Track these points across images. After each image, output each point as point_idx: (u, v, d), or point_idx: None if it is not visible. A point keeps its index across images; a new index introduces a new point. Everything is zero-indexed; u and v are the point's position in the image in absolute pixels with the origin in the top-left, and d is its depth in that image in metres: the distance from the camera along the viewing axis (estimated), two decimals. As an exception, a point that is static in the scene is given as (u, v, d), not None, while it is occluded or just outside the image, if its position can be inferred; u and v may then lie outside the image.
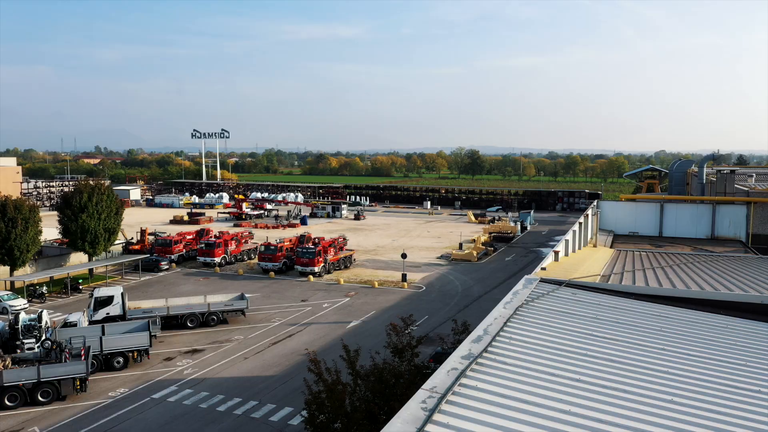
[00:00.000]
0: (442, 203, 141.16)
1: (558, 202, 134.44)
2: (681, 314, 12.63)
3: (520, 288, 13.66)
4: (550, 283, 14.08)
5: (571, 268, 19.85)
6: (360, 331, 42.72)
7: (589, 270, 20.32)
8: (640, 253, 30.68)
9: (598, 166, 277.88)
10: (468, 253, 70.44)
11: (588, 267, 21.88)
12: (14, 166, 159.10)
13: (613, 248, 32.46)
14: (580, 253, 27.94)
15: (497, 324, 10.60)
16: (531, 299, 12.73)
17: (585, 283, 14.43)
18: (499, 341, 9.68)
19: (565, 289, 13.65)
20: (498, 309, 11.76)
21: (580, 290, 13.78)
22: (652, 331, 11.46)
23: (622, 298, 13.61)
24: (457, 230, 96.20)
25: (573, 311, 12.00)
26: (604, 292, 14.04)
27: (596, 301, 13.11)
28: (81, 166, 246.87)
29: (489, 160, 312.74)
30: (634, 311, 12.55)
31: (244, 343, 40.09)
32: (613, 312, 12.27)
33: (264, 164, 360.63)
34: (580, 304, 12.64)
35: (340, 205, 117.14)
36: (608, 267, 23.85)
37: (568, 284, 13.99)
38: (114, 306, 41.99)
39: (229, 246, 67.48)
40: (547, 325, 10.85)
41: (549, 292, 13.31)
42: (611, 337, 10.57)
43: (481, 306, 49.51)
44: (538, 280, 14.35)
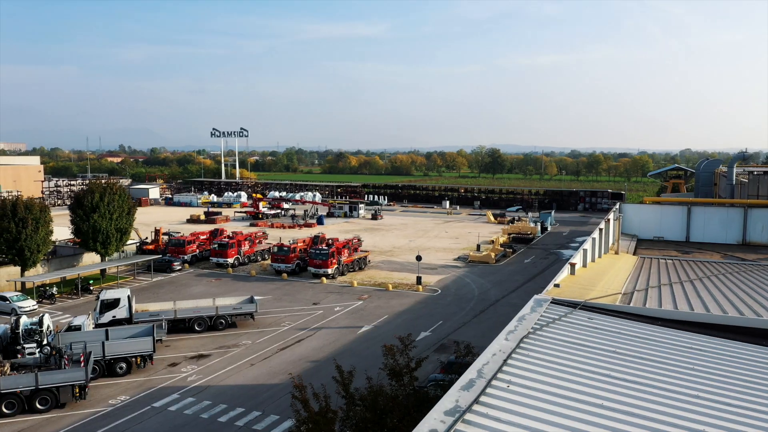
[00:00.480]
0: (461, 203, 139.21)
1: (580, 202, 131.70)
2: (717, 346, 10.87)
3: (527, 311, 12.03)
4: (563, 305, 12.47)
5: (588, 284, 18.09)
6: (371, 336, 41.34)
7: (608, 286, 18.49)
8: (666, 261, 28.66)
9: (622, 165, 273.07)
10: (486, 254, 68.67)
11: (608, 281, 19.98)
12: (36, 165, 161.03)
13: (636, 255, 30.53)
14: (600, 262, 26.04)
15: (495, 362, 9.09)
16: (539, 326, 11.14)
17: (603, 306, 12.76)
18: (494, 387, 8.16)
19: (580, 312, 12.04)
20: (499, 340, 10.20)
21: (597, 314, 12.12)
22: (682, 369, 9.78)
23: (646, 324, 11.87)
24: (476, 231, 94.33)
25: (588, 342, 10.39)
26: (626, 316, 12.33)
27: (616, 328, 11.47)
28: (103, 165, 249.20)
29: (510, 159, 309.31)
30: (661, 342, 10.85)
31: (251, 349, 38.96)
32: (635, 343, 10.60)
33: (284, 163, 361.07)
34: (597, 333, 11.03)
35: (358, 204, 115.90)
36: (631, 280, 21.83)
37: (583, 306, 12.38)
38: (120, 309, 41.14)
39: (243, 246, 66.57)
40: (556, 363, 9.28)
41: (561, 317, 11.71)
42: (633, 379, 8.92)
43: (498, 311, 47.85)
44: (549, 300, 12.74)
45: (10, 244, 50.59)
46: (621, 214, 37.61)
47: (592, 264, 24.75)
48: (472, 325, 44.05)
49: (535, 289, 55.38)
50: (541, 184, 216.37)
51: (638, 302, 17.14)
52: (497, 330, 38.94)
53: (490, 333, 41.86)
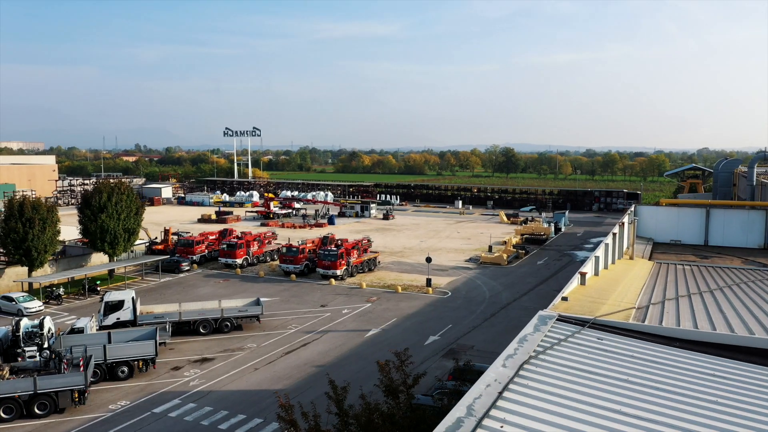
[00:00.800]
0: (474, 203, 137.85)
1: (594, 202, 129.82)
2: (744, 372, 9.71)
3: (530, 331, 10.95)
4: (570, 323, 11.39)
5: (599, 296, 16.91)
6: (378, 341, 40.45)
7: (621, 298, 17.30)
8: (684, 267, 27.30)
9: (638, 164, 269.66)
10: (498, 256, 67.50)
11: (621, 293, 18.73)
12: (51, 164, 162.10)
13: (652, 260, 29.24)
14: (613, 269, 24.77)
15: (489, 395, 8.08)
16: (542, 349, 10.09)
17: (614, 324, 11.65)
18: (485, 428, 7.16)
19: (589, 332, 10.96)
20: (496, 367, 9.16)
21: (608, 333, 11.02)
22: (704, 401, 8.72)
23: (663, 345, 10.70)
24: (488, 231, 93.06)
25: (596, 369, 9.32)
26: (640, 336, 11.19)
27: (629, 350, 10.39)
28: (118, 164, 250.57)
29: (524, 158, 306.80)
30: (680, 367, 9.73)
31: (256, 352, 38.23)
32: (650, 369, 9.48)
33: (297, 162, 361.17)
34: (607, 357, 9.96)
35: (369, 204, 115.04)
36: (646, 291, 20.47)
37: (592, 324, 11.29)
38: (124, 311, 40.62)
39: (252, 247, 65.97)
40: (558, 396, 8.26)
41: (567, 337, 10.65)
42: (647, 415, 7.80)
43: (509, 314, 46.76)
44: (555, 317, 11.67)
45: (17, 244, 50.34)
46: (636, 217, 36.12)
47: (605, 272, 23.47)
48: (482, 329, 43.02)
49: (548, 292, 54.30)
50: (555, 183, 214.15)
51: (654, 318, 15.79)
52: (507, 335, 37.82)
53: (500, 337, 40.86)
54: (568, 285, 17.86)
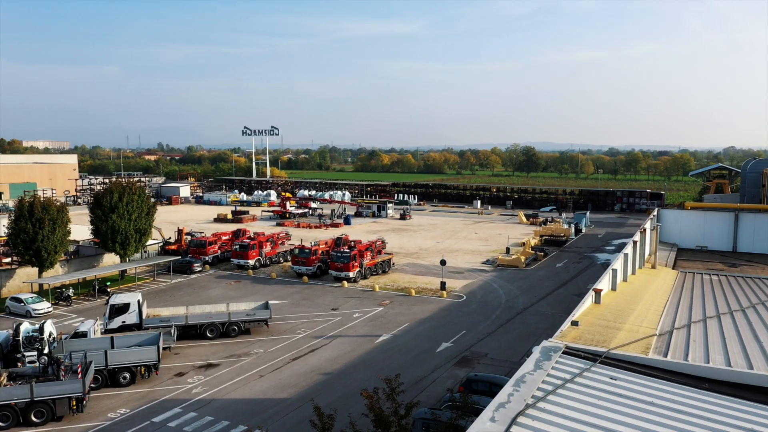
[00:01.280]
0: (492, 202, 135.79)
1: (617, 203, 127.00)
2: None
3: (530, 368, 9.32)
4: (579, 357, 9.82)
5: (616, 318, 15.24)
6: (388, 347, 39.13)
7: (641, 320, 15.57)
8: (711, 277, 25.40)
9: (662, 163, 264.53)
10: (515, 258, 65.75)
11: (641, 312, 16.96)
12: (71, 163, 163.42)
13: (676, 269, 27.42)
14: (634, 280, 23.03)
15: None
16: (542, 394, 8.51)
17: (632, 359, 10.01)
18: None
19: (600, 369, 9.37)
20: (482, 422, 7.59)
21: (623, 371, 9.43)
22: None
23: (689, 388, 9.09)
24: (507, 232, 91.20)
25: (609, 421, 7.77)
26: (662, 375, 9.52)
27: (648, 394, 8.74)
28: (138, 163, 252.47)
29: (545, 157, 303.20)
30: (711, 417, 8.12)
31: (262, 358, 37.16)
32: (674, 420, 7.82)
33: (317, 161, 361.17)
34: (622, 406, 8.33)
35: (386, 204, 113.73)
36: (669, 308, 18.59)
37: (605, 359, 9.69)
38: (130, 314, 39.84)
39: (264, 248, 65.06)
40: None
41: (573, 376, 9.10)
42: None
43: (525, 320, 45.13)
44: (560, 349, 10.10)
45: (27, 244, 49.97)
46: (659, 223, 34.05)
47: (624, 285, 21.70)
48: (497, 336, 41.47)
49: (566, 297, 52.53)
50: (576, 183, 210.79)
51: (678, 350, 13.94)
52: (523, 342, 36.10)
53: (515, 345, 39.31)
54: (580, 305, 16.17)
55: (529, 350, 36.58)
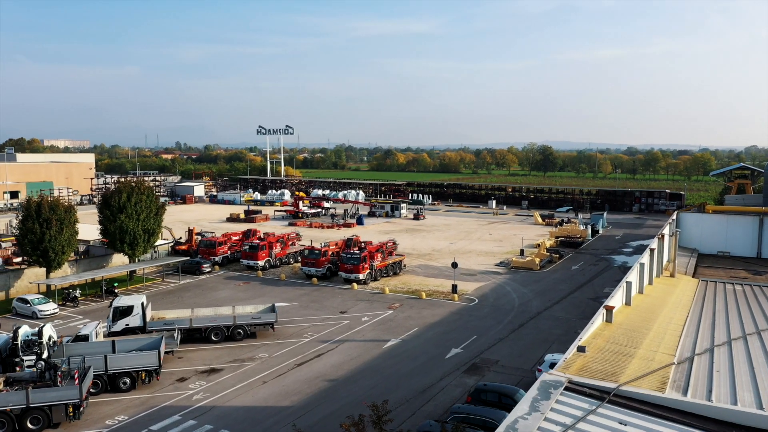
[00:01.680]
0: (508, 202, 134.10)
1: (635, 203, 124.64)
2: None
3: (524, 410, 7.95)
4: (584, 395, 8.54)
5: (629, 342, 13.81)
6: (396, 353, 38.05)
7: (657, 343, 14.11)
8: (734, 287, 23.89)
9: (681, 162, 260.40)
10: (529, 260, 64.30)
11: (657, 333, 15.49)
12: (88, 162, 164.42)
13: (696, 277, 25.91)
14: (651, 292, 21.59)
15: None
16: None
17: (646, 398, 8.72)
18: None
19: (609, 410, 8.08)
20: None
21: (636, 412, 8.19)
22: None
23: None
24: (522, 233, 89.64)
25: None
26: (681, 419, 8.27)
27: None
28: (154, 162, 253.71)
29: (562, 156, 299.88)
30: None
31: (267, 363, 36.27)
32: None
33: (332, 160, 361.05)
34: None
35: (400, 204, 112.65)
36: (690, 327, 17.03)
37: (614, 398, 8.41)
38: (134, 317, 39.21)
39: (274, 248, 64.29)
40: None
41: (577, 421, 7.83)
42: None
43: (539, 325, 43.79)
44: (562, 385, 8.76)
45: (35, 245, 49.65)
46: (679, 229, 32.31)
47: (640, 298, 20.27)
48: (509, 342, 40.20)
49: (581, 301, 51.09)
50: (594, 182, 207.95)
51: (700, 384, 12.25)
52: (535, 349, 34.76)
53: (527, 352, 38.03)
54: (589, 325, 14.73)
55: (541, 358, 35.31)
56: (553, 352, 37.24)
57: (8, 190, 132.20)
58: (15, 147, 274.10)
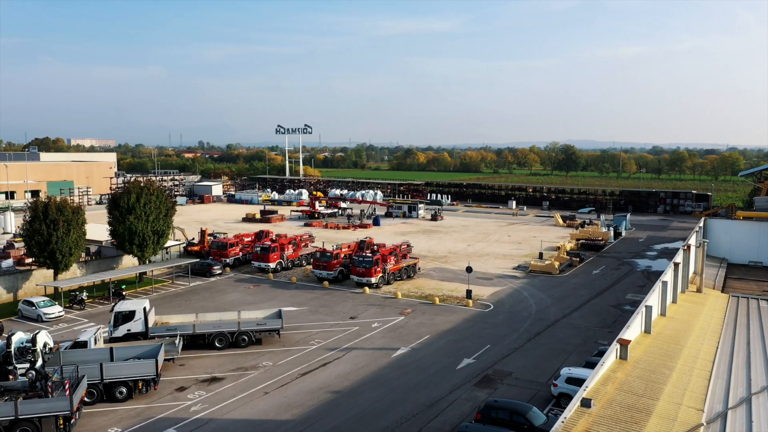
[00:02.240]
0: (528, 203, 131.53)
1: (660, 204, 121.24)
2: None
3: None
4: None
5: (647, 389, 11.69)
6: (405, 362, 36.42)
7: (682, 393, 11.99)
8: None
9: (708, 162, 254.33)
10: (548, 264, 62.15)
11: (683, 373, 13.25)
12: (108, 162, 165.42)
13: (726, 291, 23.84)
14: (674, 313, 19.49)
15: None
16: None
17: None
18: None
19: None
20: None
21: None
22: None
23: None
24: (541, 235, 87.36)
25: None
26: None
27: None
28: (175, 162, 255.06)
29: (585, 156, 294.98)
30: None
31: (270, 372, 34.92)
32: None
33: (352, 159, 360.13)
34: None
35: (417, 204, 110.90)
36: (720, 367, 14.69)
37: None
38: (135, 322, 38.14)
39: (286, 250, 63.07)
40: None
41: None
42: None
43: (556, 334, 41.81)
44: None
45: (42, 246, 49.00)
46: (706, 239, 29.92)
47: (662, 323, 18.24)
48: (524, 352, 38.32)
49: (602, 308, 48.93)
50: (617, 183, 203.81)
51: None
52: (551, 360, 32.72)
53: (543, 363, 36.12)
54: (600, 366, 12.59)
55: (557, 371, 33.41)
56: (570, 363, 35.33)
57: (29, 189, 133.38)
58: (40, 146, 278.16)
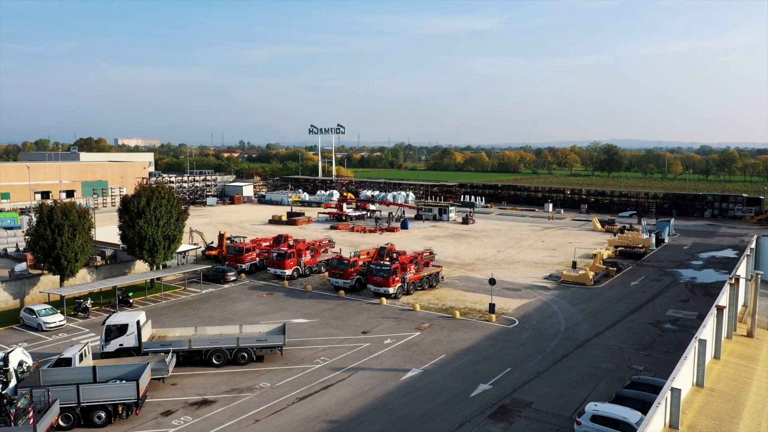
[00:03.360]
0: (566, 206, 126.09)
1: (707, 208, 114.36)
2: None
3: None
4: None
5: None
6: (414, 387, 33.08)
7: None
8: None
9: (761, 163, 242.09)
10: (582, 274, 57.77)
11: None
12: (142, 162, 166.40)
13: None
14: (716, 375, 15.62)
15: None
16: None
17: None
18: None
19: None
20: None
21: None
22: None
23: None
24: (578, 241, 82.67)
25: None
26: None
27: None
28: (211, 161, 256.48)
29: (629, 156, 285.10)
30: None
31: (266, 395, 32.07)
32: None
33: (389, 159, 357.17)
34: None
35: (448, 207, 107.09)
36: None
37: None
38: (128, 336, 35.83)
39: (303, 256, 60.41)
40: None
41: None
42: None
43: (585, 356, 37.78)
44: None
45: (47, 251, 47.43)
46: (759, 271, 25.25)
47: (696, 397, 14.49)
48: (548, 377, 34.50)
49: (639, 326, 44.47)
50: (662, 184, 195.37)
51: None
52: (578, 388, 28.29)
53: (568, 392, 32.23)
54: None
55: (582, 406, 29.50)
56: (599, 393, 31.50)
57: (64, 189, 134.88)
58: (83, 146, 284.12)
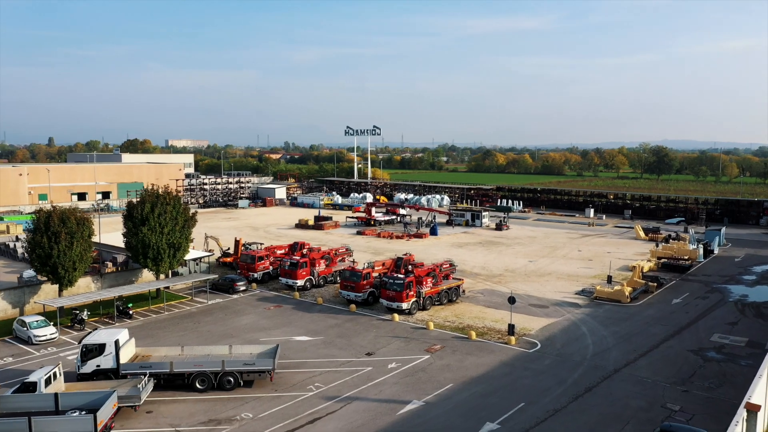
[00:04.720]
0: (608, 211, 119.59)
1: (763, 215, 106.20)
2: None
3: None
4: None
5: None
6: (410, 424, 29.28)
7: None
8: None
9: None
10: (618, 290, 52.72)
11: None
12: (178, 163, 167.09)
13: None
14: None
15: None
16: None
17: None
18: None
19: None
20: None
21: None
22: None
23: None
24: (618, 250, 77.11)
25: None
26: None
27: None
28: (249, 162, 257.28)
29: (680, 158, 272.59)
30: None
31: (245, 429, 28.86)
32: None
33: (429, 161, 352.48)
34: None
35: (481, 212, 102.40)
36: None
37: None
38: (106, 357, 33.21)
39: (317, 266, 57.26)
40: None
41: None
42: None
43: (612, 391, 33.21)
44: None
45: (43, 260, 45.59)
46: None
47: None
48: (566, 416, 30.18)
49: (679, 354, 39.45)
50: (715, 188, 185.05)
51: None
52: (601, 431, 23.88)
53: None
54: None
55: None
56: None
57: (100, 191, 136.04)
58: (129, 147, 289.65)
